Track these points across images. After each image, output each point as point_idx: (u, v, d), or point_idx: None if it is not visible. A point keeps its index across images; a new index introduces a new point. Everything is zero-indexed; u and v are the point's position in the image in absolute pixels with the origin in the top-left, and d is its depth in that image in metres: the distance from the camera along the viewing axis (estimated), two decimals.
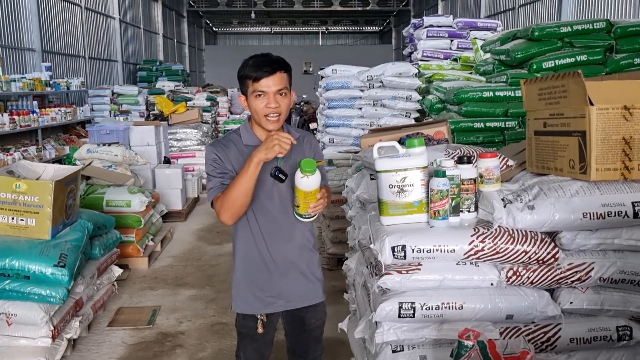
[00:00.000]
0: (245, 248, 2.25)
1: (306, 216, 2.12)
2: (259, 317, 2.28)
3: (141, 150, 6.83)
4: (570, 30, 5.03)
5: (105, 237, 4.10)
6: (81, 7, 12.98)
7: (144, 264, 5.25)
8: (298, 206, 2.09)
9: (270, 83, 2.06)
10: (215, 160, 2.15)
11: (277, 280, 2.25)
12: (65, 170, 3.75)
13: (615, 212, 1.95)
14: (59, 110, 9.37)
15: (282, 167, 2.06)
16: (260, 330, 2.28)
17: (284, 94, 2.10)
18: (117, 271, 4.26)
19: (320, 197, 2.06)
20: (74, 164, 6.11)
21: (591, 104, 1.94)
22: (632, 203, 1.95)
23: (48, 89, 9.38)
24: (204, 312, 4.23)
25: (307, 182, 2.00)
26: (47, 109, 9.10)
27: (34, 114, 8.44)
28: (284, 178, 2.05)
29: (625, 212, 1.95)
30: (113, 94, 11.82)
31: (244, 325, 2.32)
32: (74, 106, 10.23)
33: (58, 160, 8.59)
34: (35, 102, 8.90)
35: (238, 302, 2.31)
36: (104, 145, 6.25)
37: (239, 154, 2.16)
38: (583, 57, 4.88)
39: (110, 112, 11.24)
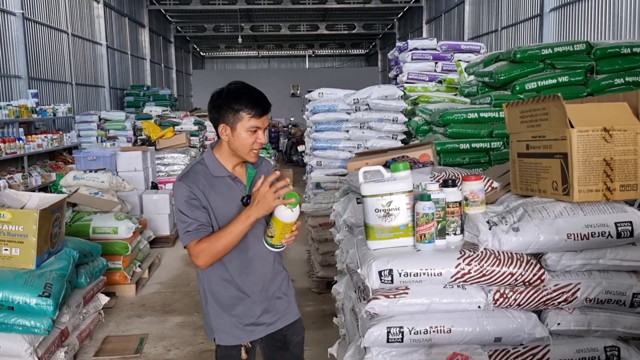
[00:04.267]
0: (219, 280, 2.24)
1: (278, 246, 2.16)
2: (243, 344, 2.27)
3: (128, 175, 6.79)
4: (551, 52, 5.13)
5: (91, 265, 4.06)
6: (68, 34, 13.01)
7: (131, 291, 5.20)
8: (272, 237, 2.11)
9: (265, 120, 2.15)
10: (191, 200, 2.12)
11: (257, 308, 2.26)
12: (50, 198, 3.72)
13: (598, 233, 1.97)
14: (45, 136, 9.32)
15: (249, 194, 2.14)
16: (244, 356, 2.27)
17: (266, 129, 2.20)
18: (103, 299, 4.20)
19: (296, 228, 2.11)
20: (60, 191, 6.06)
21: (571, 126, 1.98)
22: (615, 223, 1.97)
23: (34, 115, 9.35)
24: (193, 340, 4.18)
25: (290, 214, 2.05)
26: (34, 136, 9.06)
27: (20, 141, 8.39)
28: None
29: (609, 232, 1.97)
30: (100, 119, 11.79)
31: (227, 356, 2.29)
32: (61, 132, 10.18)
33: (44, 187, 8.52)
34: (21, 129, 8.85)
35: (222, 335, 2.28)
36: (90, 171, 6.21)
37: (209, 188, 2.16)
38: (564, 78, 4.97)
39: (97, 137, 11.20)
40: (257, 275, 2.25)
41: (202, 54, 34.16)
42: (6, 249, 3.31)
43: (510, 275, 1.98)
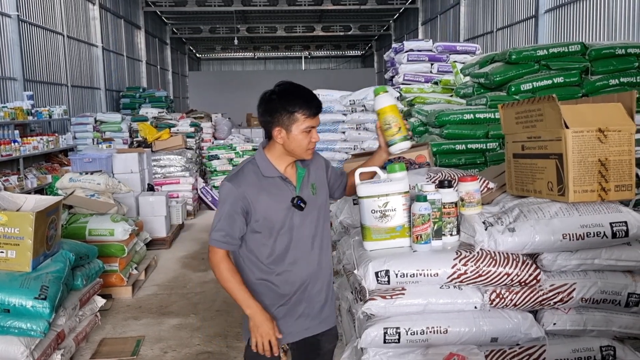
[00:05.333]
0: (259, 281, 2.19)
1: (408, 137, 2.21)
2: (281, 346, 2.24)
3: (125, 177, 6.78)
4: (546, 53, 5.14)
5: (87, 267, 4.04)
6: (63, 36, 12.97)
7: (127, 293, 5.18)
8: (398, 130, 2.20)
9: (318, 118, 2.18)
10: (232, 203, 2.11)
11: (295, 310, 2.20)
12: (46, 200, 3.71)
13: (594, 233, 1.98)
14: (41, 138, 9.28)
15: (301, 193, 2.16)
16: (283, 358, 2.26)
17: None
18: (100, 301, 4.19)
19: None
20: (56, 194, 6.04)
21: (566, 127, 1.99)
22: (610, 223, 1.99)
23: (30, 117, 9.31)
24: (189, 341, 4.17)
25: (389, 97, 2.21)
26: (29, 138, 9.02)
27: (16, 143, 8.36)
28: (304, 206, 2.12)
29: (604, 232, 1.98)
30: (96, 121, 11.75)
31: (255, 356, 2.18)
32: (56, 134, 10.14)
33: (40, 190, 8.49)
34: (16, 132, 8.82)
35: None
36: (86, 173, 6.19)
37: (258, 187, 2.13)
38: (560, 79, 4.99)
39: (93, 139, 11.16)
40: (299, 277, 2.18)
41: (198, 55, 34.13)
42: (2, 252, 3.29)
43: (506, 276, 1.99)
